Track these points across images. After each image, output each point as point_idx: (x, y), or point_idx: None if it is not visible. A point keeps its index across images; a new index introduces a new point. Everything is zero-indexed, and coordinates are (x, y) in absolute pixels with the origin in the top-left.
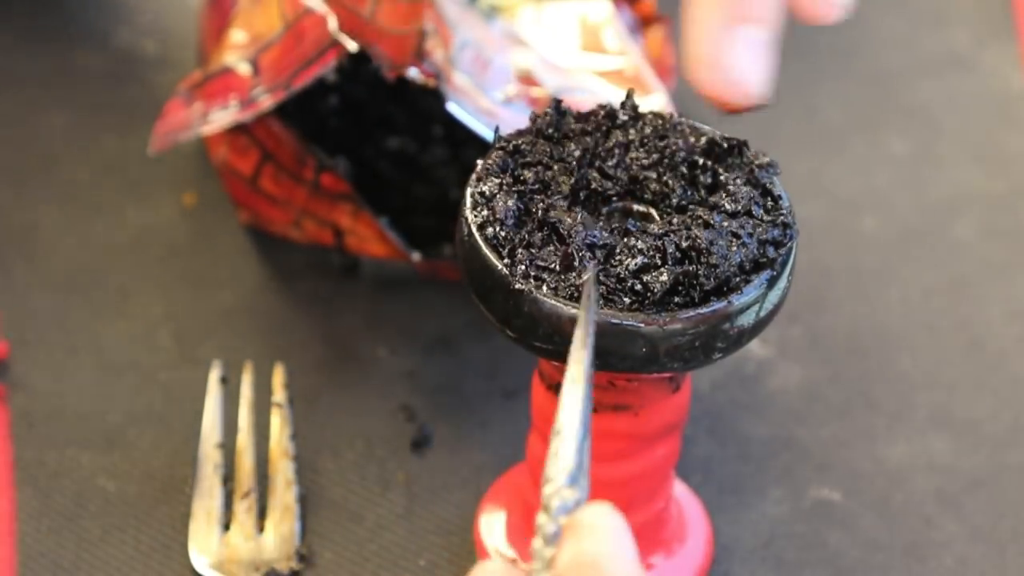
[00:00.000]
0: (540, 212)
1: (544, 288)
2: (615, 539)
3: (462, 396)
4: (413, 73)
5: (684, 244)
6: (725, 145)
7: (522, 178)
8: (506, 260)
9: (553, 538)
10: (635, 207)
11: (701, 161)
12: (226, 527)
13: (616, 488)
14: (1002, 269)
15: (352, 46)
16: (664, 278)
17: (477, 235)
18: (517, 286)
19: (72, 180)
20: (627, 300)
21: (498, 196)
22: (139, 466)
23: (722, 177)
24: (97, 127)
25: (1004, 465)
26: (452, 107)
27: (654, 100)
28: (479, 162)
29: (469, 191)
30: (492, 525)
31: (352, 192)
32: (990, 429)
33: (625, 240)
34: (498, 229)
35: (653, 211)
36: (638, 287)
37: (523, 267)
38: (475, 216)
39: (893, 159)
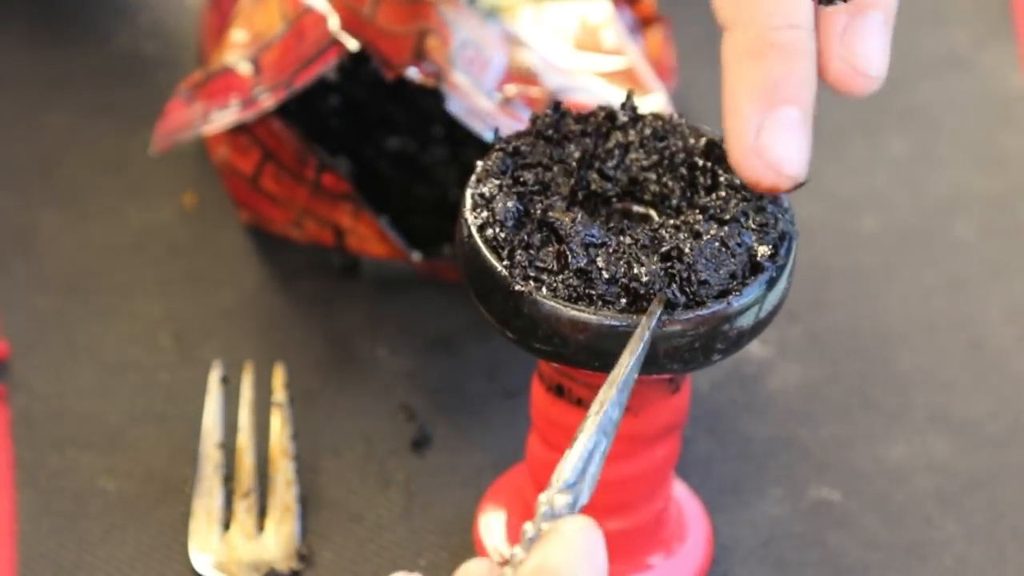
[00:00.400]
0: (539, 213)
1: (543, 289)
2: (583, 553)
3: (462, 396)
4: (413, 73)
5: (672, 254)
6: (725, 146)
7: (521, 179)
8: (505, 262)
9: (530, 544)
10: (634, 208)
11: (700, 162)
12: (226, 527)
13: (616, 488)
14: (1001, 269)
15: (352, 45)
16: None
17: (477, 236)
18: (517, 287)
19: (73, 180)
20: (624, 301)
21: (498, 197)
22: (139, 466)
23: (721, 179)
24: (97, 128)
25: (1004, 464)
26: (452, 107)
27: (654, 101)
28: (479, 163)
29: (469, 192)
30: (492, 525)
31: (353, 192)
32: (990, 429)
33: (620, 239)
34: (498, 231)
35: (652, 212)
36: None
37: (522, 268)
38: (475, 217)
39: (892, 159)
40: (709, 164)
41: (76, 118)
